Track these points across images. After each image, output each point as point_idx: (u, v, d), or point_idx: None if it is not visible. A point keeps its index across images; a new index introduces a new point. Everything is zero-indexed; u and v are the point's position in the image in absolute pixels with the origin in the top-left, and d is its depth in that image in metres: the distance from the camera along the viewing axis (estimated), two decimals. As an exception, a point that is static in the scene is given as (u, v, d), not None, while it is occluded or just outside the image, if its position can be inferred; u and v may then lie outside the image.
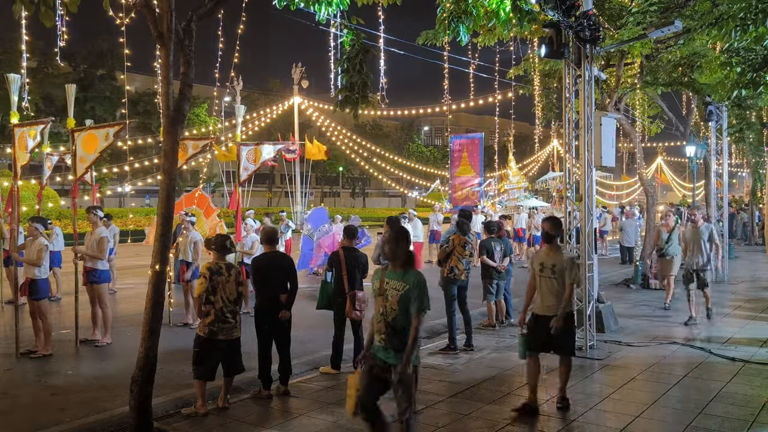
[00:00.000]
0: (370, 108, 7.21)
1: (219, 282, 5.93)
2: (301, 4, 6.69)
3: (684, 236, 10.45)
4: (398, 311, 4.49)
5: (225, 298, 5.94)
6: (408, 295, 4.47)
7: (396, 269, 4.61)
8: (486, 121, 64.43)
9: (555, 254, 5.89)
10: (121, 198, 50.75)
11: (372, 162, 37.26)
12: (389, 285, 4.57)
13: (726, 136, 17.15)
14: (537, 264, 5.98)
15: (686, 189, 55.36)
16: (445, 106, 21.50)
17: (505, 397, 6.34)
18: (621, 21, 11.39)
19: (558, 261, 5.82)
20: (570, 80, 8.51)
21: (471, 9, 7.15)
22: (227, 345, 5.99)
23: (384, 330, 4.56)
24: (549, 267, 5.85)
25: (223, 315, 5.92)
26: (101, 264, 8.88)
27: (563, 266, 5.79)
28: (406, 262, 4.62)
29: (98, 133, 8.64)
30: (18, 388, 6.90)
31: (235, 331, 6.05)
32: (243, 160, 10.72)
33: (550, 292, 5.84)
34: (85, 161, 8.69)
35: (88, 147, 8.62)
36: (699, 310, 10.31)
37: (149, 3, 5.42)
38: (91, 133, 8.66)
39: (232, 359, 6.08)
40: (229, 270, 6.06)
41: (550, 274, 5.83)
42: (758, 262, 19.58)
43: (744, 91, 9.86)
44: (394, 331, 4.52)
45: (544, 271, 5.89)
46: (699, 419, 5.67)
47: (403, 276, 4.54)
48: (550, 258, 5.88)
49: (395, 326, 4.52)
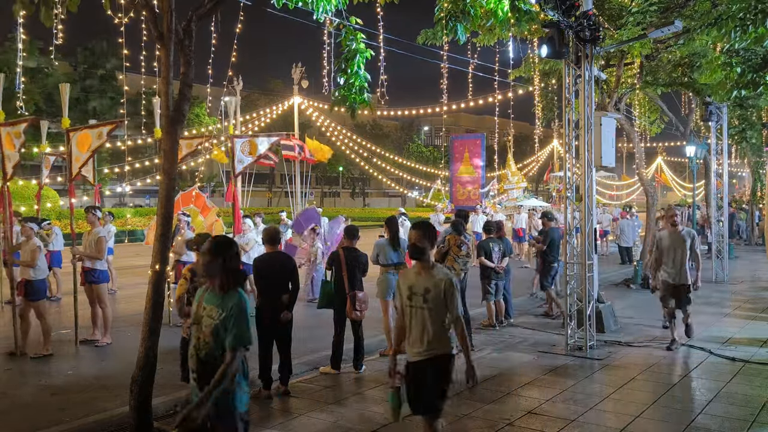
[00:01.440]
0: (368, 108, 7.20)
1: (201, 282, 5.81)
2: (299, 3, 6.69)
3: (660, 242, 8.53)
4: (213, 345, 3.55)
5: None
6: (224, 325, 3.54)
7: (215, 290, 3.66)
8: (486, 121, 64.45)
9: (427, 274, 4.28)
10: (121, 198, 50.76)
11: (372, 162, 37.25)
12: (206, 311, 3.64)
13: (726, 136, 17.15)
14: (404, 288, 4.34)
15: (686, 189, 55.34)
16: (444, 106, 21.50)
17: (505, 397, 6.34)
18: (621, 21, 11.40)
19: (432, 284, 4.22)
20: (570, 80, 8.51)
21: (469, 8, 7.15)
22: None
23: (195, 368, 3.62)
24: (420, 293, 4.25)
25: None
26: (100, 264, 8.85)
27: (440, 291, 4.20)
28: (228, 280, 3.64)
29: (92, 132, 8.65)
30: (18, 388, 6.90)
31: None
32: (237, 153, 10.70)
33: (422, 329, 4.26)
34: (80, 161, 8.69)
35: (82, 146, 8.63)
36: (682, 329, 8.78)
37: (149, 3, 5.42)
38: (85, 133, 8.66)
39: None
40: None
41: (422, 303, 4.24)
42: (758, 262, 19.58)
43: (744, 91, 9.87)
44: (206, 370, 3.56)
45: (413, 298, 4.28)
46: (699, 419, 5.67)
47: (222, 300, 3.61)
48: (422, 279, 4.28)
49: (208, 364, 3.56)
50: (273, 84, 56.29)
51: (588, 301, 8.27)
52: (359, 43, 6.81)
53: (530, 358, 7.90)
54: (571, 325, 8.36)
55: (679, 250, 8.30)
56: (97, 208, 9.30)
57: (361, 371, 7.26)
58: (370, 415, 5.87)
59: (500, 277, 9.72)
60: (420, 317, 4.26)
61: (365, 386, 6.80)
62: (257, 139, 10.80)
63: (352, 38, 6.77)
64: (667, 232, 8.48)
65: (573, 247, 8.61)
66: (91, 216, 8.93)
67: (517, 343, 8.69)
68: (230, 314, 3.53)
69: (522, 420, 5.68)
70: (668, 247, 8.37)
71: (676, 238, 8.35)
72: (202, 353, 3.57)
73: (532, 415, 5.79)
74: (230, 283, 3.63)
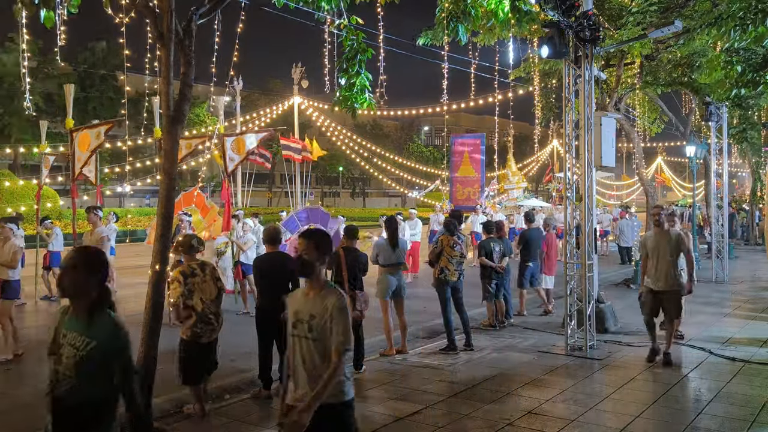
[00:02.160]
0: (370, 108, 7.20)
1: (194, 283, 5.76)
2: (300, 2, 6.70)
3: (644, 244, 7.87)
4: (76, 381, 2.83)
5: (204, 299, 5.79)
6: (92, 359, 2.83)
7: (80, 314, 2.92)
8: (486, 121, 64.43)
9: (316, 297, 3.47)
10: (121, 198, 50.77)
11: (372, 162, 37.26)
12: (66, 339, 2.90)
13: (726, 136, 17.15)
14: (290, 314, 3.54)
15: (686, 189, 55.34)
16: (445, 106, 21.48)
17: (505, 397, 6.34)
18: (621, 21, 11.41)
19: (319, 309, 3.41)
20: (570, 80, 8.51)
21: (469, 9, 7.15)
22: (209, 347, 5.89)
23: (51, 407, 2.87)
24: (305, 320, 3.44)
25: (206, 316, 5.80)
26: None
27: (326, 319, 3.38)
28: (94, 302, 2.92)
29: (91, 132, 8.68)
30: (18, 388, 6.90)
31: (215, 333, 5.94)
32: (228, 151, 10.73)
33: (308, 364, 3.42)
34: (80, 161, 8.73)
35: (83, 146, 8.66)
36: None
37: (149, 3, 5.43)
38: (85, 133, 8.72)
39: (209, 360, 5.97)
40: (203, 269, 5.89)
41: (306, 332, 3.42)
42: (758, 262, 19.58)
43: (743, 90, 9.86)
44: (64, 412, 2.85)
45: (297, 326, 3.47)
46: (699, 419, 5.67)
47: (88, 327, 2.87)
48: (309, 303, 3.47)
49: (67, 404, 2.85)
50: (272, 84, 56.31)
51: (588, 301, 8.27)
52: (360, 43, 6.81)
53: (530, 358, 7.90)
54: (571, 325, 8.36)
55: (664, 252, 7.53)
56: (98, 208, 9.31)
57: (361, 371, 7.26)
58: (370, 415, 5.87)
59: (500, 277, 9.72)
60: (305, 351, 3.40)
61: (365, 386, 6.80)
62: (245, 137, 10.83)
63: (353, 38, 6.77)
64: (652, 232, 7.84)
65: (573, 247, 8.61)
66: (92, 216, 8.94)
67: (517, 343, 8.69)
68: (106, 347, 2.83)
69: (522, 420, 5.68)
70: (652, 249, 7.68)
71: (661, 239, 7.64)
72: (60, 389, 2.84)
73: (532, 415, 5.80)
74: (100, 303, 2.92)
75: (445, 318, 8.33)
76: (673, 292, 7.55)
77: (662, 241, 7.60)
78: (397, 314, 8.13)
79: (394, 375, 7.15)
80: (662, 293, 7.56)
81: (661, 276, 7.54)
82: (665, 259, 7.52)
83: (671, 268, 7.53)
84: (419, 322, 9.89)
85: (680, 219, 28.16)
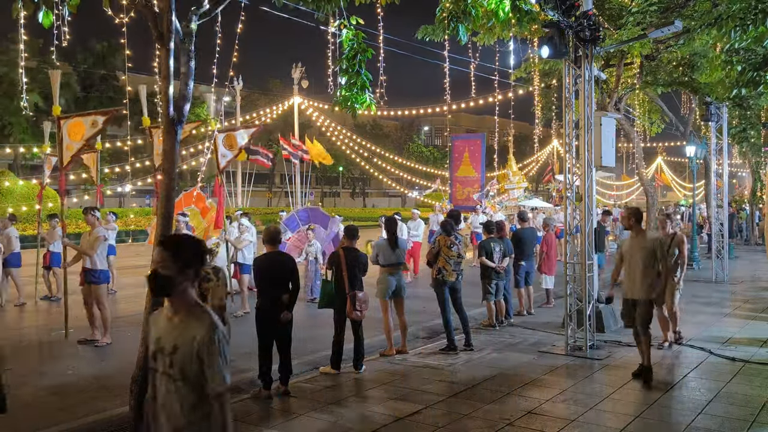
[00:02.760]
0: (370, 108, 7.21)
1: (208, 288, 5.78)
2: (300, 2, 6.70)
3: (621, 249, 7.22)
4: None
5: (215, 305, 5.78)
6: None
7: None
8: (486, 121, 64.43)
9: (181, 323, 2.82)
10: (122, 198, 50.76)
11: (372, 162, 37.28)
12: None
13: (726, 136, 17.15)
14: (152, 341, 2.93)
15: (686, 189, 55.35)
16: (446, 106, 21.50)
17: (505, 397, 6.34)
18: (621, 21, 11.42)
19: (184, 339, 2.77)
20: (570, 80, 8.51)
21: (470, 9, 7.15)
22: None
23: None
24: (167, 351, 2.81)
25: None
26: (101, 263, 8.79)
27: (192, 351, 2.75)
28: None
29: (85, 121, 8.48)
30: (18, 388, 6.89)
31: None
32: (220, 147, 10.65)
33: (169, 413, 2.81)
34: (72, 149, 8.58)
35: (75, 135, 8.48)
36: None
37: (149, 3, 5.42)
38: (78, 121, 8.52)
39: None
40: (216, 274, 5.87)
41: (167, 367, 2.81)
42: (758, 262, 19.57)
43: (744, 90, 9.85)
44: None
45: (158, 358, 2.87)
46: (699, 419, 5.67)
47: None
48: (173, 330, 2.83)
49: None
50: (272, 84, 56.32)
51: (588, 301, 8.27)
52: (360, 43, 6.81)
53: (530, 358, 7.90)
54: (571, 325, 8.36)
55: (637, 258, 6.81)
56: (95, 208, 9.26)
57: (361, 371, 7.26)
58: (370, 415, 5.87)
59: (500, 277, 9.72)
60: (165, 393, 2.79)
61: (365, 386, 6.80)
62: (236, 133, 10.75)
63: (353, 38, 6.78)
64: (628, 236, 7.17)
65: (573, 247, 8.61)
66: (90, 217, 8.86)
67: (517, 343, 8.69)
68: None
69: (522, 420, 5.68)
70: (626, 254, 7.00)
71: (635, 244, 6.93)
72: None
73: (532, 415, 5.79)
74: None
75: (444, 318, 8.32)
76: (644, 302, 6.84)
77: (636, 246, 6.89)
78: (397, 314, 8.13)
79: (394, 375, 7.15)
80: (633, 302, 6.90)
81: (635, 284, 6.85)
82: (638, 266, 6.81)
83: (645, 277, 6.76)
84: (419, 322, 9.89)
85: (682, 219, 28.29)
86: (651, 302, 6.89)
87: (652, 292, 6.80)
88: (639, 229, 6.96)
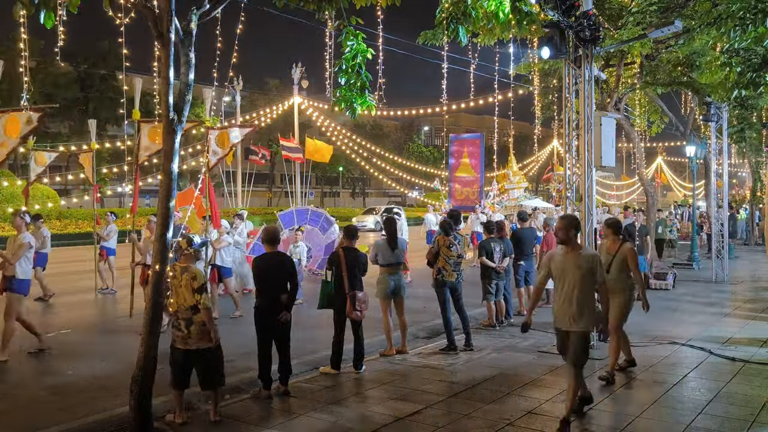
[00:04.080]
0: (369, 108, 7.21)
1: (172, 285, 5.64)
2: (300, 3, 6.70)
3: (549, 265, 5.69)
4: None
5: (179, 303, 5.63)
6: None
7: None
8: (486, 121, 64.44)
9: None
10: (122, 198, 50.75)
11: (372, 162, 37.26)
12: None
13: (726, 136, 17.16)
14: None
15: (686, 189, 55.36)
16: (445, 107, 21.49)
17: (505, 397, 6.34)
18: (621, 21, 11.42)
19: None
20: (570, 80, 8.51)
21: (470, 10, 7.15)
22: (186, 355, 5.64)
23: None
24: None
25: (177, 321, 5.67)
26: (21, 272, 8.02)
27: None
28: None
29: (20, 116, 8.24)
30: (18, 388, 6.90)
31: (189, 342, 5.62)
32: (212, 144, 10.37)
33: None
34: (7, 146, 8.39)
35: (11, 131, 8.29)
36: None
37: (149, 3, 5.42)
38: (13, 116, 8.29)
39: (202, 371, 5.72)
40: (182, 273, 5.69)
41: None
42: (758, 262, 19.59)
43: (744, 91, 9.86)
44: None
45: None
46: (699, 419, 5.67)
47: None
48: None
49: None
50: (272, 84, 56.30)
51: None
52: (360, 43, 6.81)
53: (530, 358, 7.90)
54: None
55: (571, 279, 5.44)
56: (26, 212, 8.73)
57: (361, 371, 7.26)
58: (370, 415, 5.87)
59: (501, 277, 9.72)
60: None
61: (365, 386, 6.80)
62: (230, 131, 10.58)
63: (353, 38, 6.78)
64: (561, 252, 5.60)
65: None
66: (18, 220, 8.18)
67: (517, 343, 8.69)
68: None
69: (522, 420, 5.68)
70: (557, 273, 5.58)
71: (569, 261, 5.49)
72: None
73: (532, 415, 5.80)
74: None
75: (444, 318, 8.33)
76: (576, 334, 5.46)
77: (570, 265, 5.48)
78: (397, 314, 8.13)
79: (394, 375, 7.15)
80: (565, 333, 5.55)
81: (565, 311, 5.49)
82: (572, 289, 5.44)
83: (582, 303, 5.43)
84: (419, 322, 9.89)
85: (682, 219, 28.27)
86: (587, 336, 5.58)
87: (590, 323, 5.52)
88: (576, 244, 5.67)
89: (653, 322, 10.07)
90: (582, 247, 5.84)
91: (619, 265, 7.03)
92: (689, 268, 17.45)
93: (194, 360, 5.65)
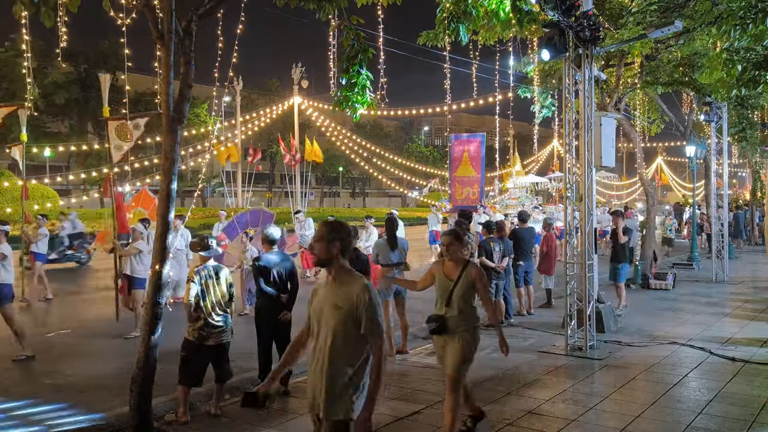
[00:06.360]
0: (370, 108, 7.21)
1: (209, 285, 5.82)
2: (301, 2, 6.69)
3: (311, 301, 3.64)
4: None
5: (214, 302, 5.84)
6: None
7: None
8: (486, 121, 64.45)
9: None
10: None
11: (372, 162, 37.27)
12: None
13: (726, 136, 17.15)
14: None
15: (686, 189, 55.35)
16: (446, 107, 21.51)
17: (505, 397, 6.34)
18: (621, 21, 11.40)
19: None
20: (570, 80, 8.51)
21: (470, 9, 7.15)
22: (216, 350, 5.89)
23: None
24: None
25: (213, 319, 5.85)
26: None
27: None
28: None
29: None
30: (18, 388, 6.89)
31: (223, 336, 5.94)
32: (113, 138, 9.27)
33: None
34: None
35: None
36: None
37: (149, 3, 5.42)
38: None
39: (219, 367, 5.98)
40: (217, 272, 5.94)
41: None
42: (758, 262, 19.58)
43: (744, 89, 9.84)
44: None
45: None
46: (699, 419, 5.67)
47: None
48: None
49: None
50: (271, 84, 56.30)
51: (588, 301, 8.27)
52: (361, 43, 6.81)
53: (530, 358, 7.90)
54: (571, 325, 8.36)
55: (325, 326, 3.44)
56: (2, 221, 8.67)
57: (361, 371, 7.24)
58: (370, 415, 5.85)
59: (500, 277, 9.72)
60: None
61: (365, 386, 6.78)
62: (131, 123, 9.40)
63: (354, 38, 6.77)
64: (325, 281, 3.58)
65: (573, 247, 8.61)
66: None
67: (517, 343, 8.68)
68: None
69: (522, 420, 5.68)
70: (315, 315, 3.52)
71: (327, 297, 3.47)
72: None
73: (532, 415, 5.80)
74: None
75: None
76: (333, 426, 3.41)
77: (328, 303, 3.44)
78: (398, 314, 8.13)
79: (394, 375, 7.15)
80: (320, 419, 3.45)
81: (317, 379, 3.45)
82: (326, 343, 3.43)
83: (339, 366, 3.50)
84: (420, 322, 9.87)
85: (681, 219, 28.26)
86: (348, 425, 3.45)
87: (352, 399, 3.52)
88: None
89: (653, 322, 10.08)
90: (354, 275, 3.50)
91: (462, 293, 5.26)
92: (689, 268, 17.45)
93: (219, 354, 5.92)
